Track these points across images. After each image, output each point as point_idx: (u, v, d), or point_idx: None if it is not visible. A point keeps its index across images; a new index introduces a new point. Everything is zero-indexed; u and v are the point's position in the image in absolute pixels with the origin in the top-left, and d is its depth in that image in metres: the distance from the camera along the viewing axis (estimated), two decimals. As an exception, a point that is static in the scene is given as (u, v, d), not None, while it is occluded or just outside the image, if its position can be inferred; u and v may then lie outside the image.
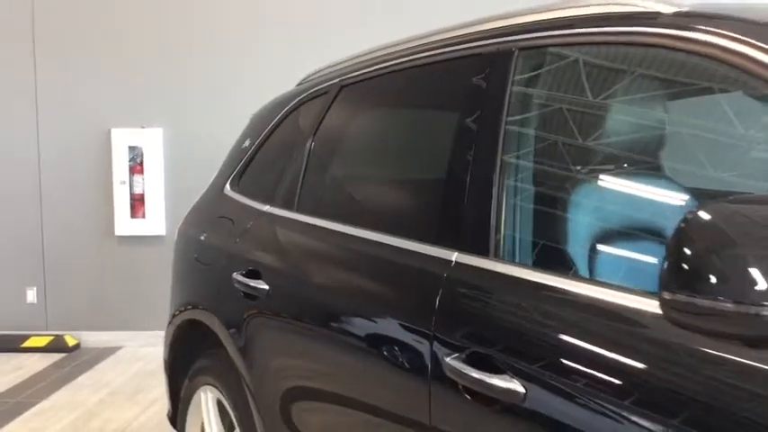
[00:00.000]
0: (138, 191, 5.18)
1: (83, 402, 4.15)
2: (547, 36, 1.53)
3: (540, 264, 1.43)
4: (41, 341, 5.20)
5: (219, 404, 2.42)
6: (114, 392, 4.31)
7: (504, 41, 1.62)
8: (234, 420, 2.30)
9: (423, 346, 1.48)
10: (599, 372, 1.15)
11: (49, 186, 5.26)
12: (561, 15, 1.52)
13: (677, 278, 0.95)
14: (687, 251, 0.94)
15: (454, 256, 1.52)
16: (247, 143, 2.60)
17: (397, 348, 1.58)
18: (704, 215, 0.95)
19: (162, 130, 5.15)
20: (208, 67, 5.08)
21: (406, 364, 1.53)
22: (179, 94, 5.12)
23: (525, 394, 1.25)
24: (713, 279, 0.92)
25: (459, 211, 1.55)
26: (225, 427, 2.41)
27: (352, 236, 1.86)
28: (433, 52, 1.84)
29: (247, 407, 2.18)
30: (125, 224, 5.19)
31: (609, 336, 1.16)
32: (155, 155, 5.15)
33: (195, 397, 2.55)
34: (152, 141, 5.14)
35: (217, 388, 2.39)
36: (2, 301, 5.31)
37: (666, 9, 1.34)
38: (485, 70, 1.63)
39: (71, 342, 5.20)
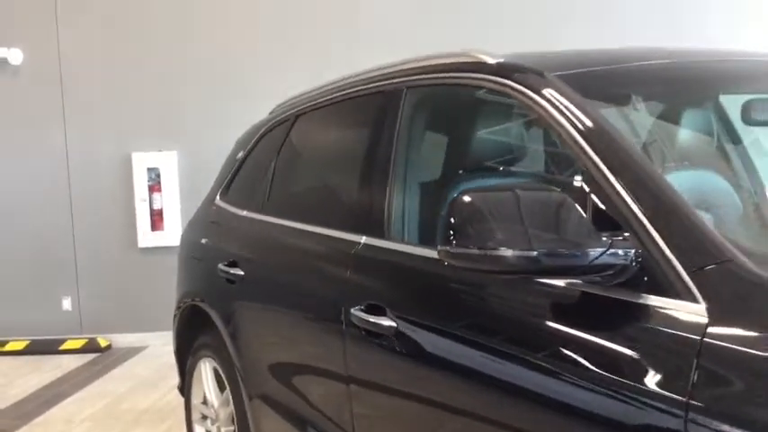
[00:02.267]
0: (157, 207, 5.85)
1: (113, 391, 4.80)
2: (421, 78, 2.13)
3: (410, 240, 2.01)
4: (77, 343, 5.87)
5: (215, 371, 3.03)
6: (141, 383, 4.95)
7: (398, 82, 2.22)
8: (226, 382, 2.91)
9: (340, 303, 2.07)
10: (422, 300, 1.76)
11: (79, 206, 5.95)
12: (429, 63, 2.11)
13: (448, 237, 1.52)
14: (454, 220, 1.51)
15: (363, 239, 2.12)
16: (232, 163, 3.23)
17: (325, 308, 2.18)
18: (466, 197, 1.52)
19: (176, 153, 5.82)
20: (218, 95, 5.72)
21: (331, 318, 2.13)
22: (191, 120, 5.77)
23: (396, 327, 1.84)
24: (470, 236, 1.49)
25: (366, 207, 2.15)
26: (219, 389, 3.01)
27: (300, 230, 2.48)
28: (355, 89, 2.45)
29: (234, 371, 2.79)
30: (147, 237, 5.86)
31: (418, 276, 1.77)
32: (171, 175, 5.82)
33: (197, 368, 3.16)
34: (168, 163, 5.81)
35: (213, 359, 3.01)
36: (41, 310, 6.00)
37: (489, 60, 1.93)
38: (386, 103, 2.23)
39: (103, 343, 5.87)
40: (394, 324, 1.85)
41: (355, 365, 2.05)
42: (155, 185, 5.84)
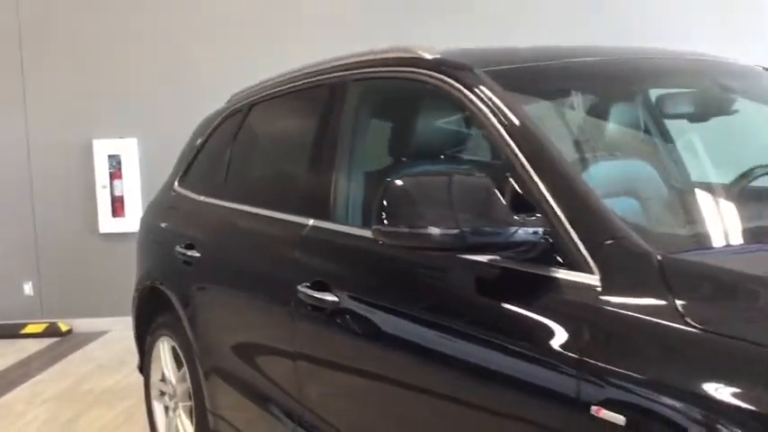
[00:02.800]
0: (117, 193, 5.92)
1: (74, 373, 4.89)
2: (364, 72, 2.28)
3: (353, 222, 2.17)
4: (38, 328, 5.93)
5: (173, 350, 3.16)
6: (101, 366, 5.05)
7: (343, 75, 2.37)
8: (183, 360, 3.04)
9: (289, 282, 2.21)
10: (361, 276, 1.93)
11: (40, 192, 6.00)
12: (372, 58, 2.26)
13: (381, 217, 1.67)
14: (386, 202, 1.66)
15: (310, 221, 2.27)
16: (190, 150, 3.35)
17: (276, 287, 2.33)
18: (398, 181, 1.67)
19: (137, 140, 5.90)
20: (177, 82, 5.80)
21: (280, 295, 2.27)
22: (152, 108, 5.84)
23: (338, 302, 2.00)
24: (400, 216, 1.64)
25: (313, 192, 2.30)
26: (177, 366, 3.14)
27: (254, 213, 2.63)
28: (304, 81, 2.59)
29: (190, 349, 2.92)
30: (108, 223, 5.94)
31: (357, 254, 1.94)
32: (131, 162, 5.89)
33: (156, 347, 3.29)
34: (129, 150, 5.88)
35: (171, 338, 3.14)
36: (2, 294, 6.04)
37: (427, 55, 2.08)
38: (332, 95, 2.38)
39: (64, 328, 5.94)
40: (336, 299, 2.01)
41: (302, 339, 2.20)
42: (116, 172, 5.92)
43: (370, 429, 2.03)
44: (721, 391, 1.16)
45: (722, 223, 1.74)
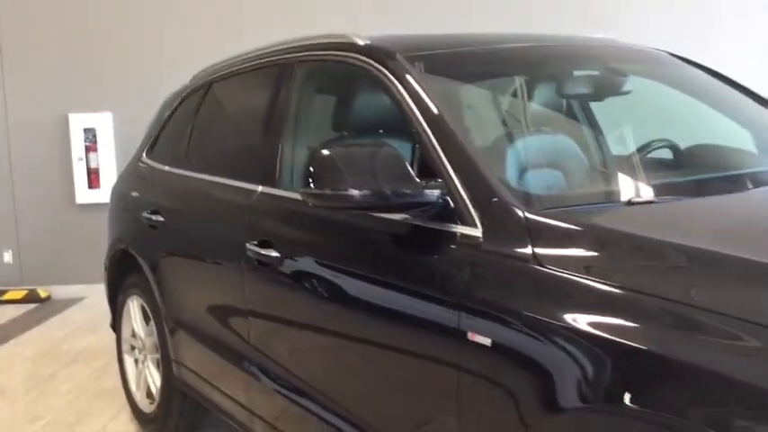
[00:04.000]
0: (93, 166, 6.17)
1: (53, 336, 5.17)
2: (308, 54, 2.56)
3: (295, 188, 2.45)
4: (18, 294, 6.19)
5: (142, 307, 3.45)
6: (78, 328, 5.33)
7: (290, 57, 2.65)
8: (150, 316, 3.34)
9: (239, 241, 2.50)
10: (296, 234, 2.23)
11: (19, 164, 6.23)
12: (314, 42, 2.54)
13: (308, 182, 1.95)
14: (313, 168, 1.94)
15: (259, 188, 2.56)
16: (157, 124, 3.62)
17: (228, 246, 2.62)
18: (324, 151, 1.95)
19: (111, 114, 6.13)
20: (150, 58, 6.02)
21: (232, 253, 2.57)
22: (125, 83, 6.07)
23: (279, 257, 2.30)
24: (325, 180, 1.92)
25: (263, 162, 2.59)
26: (145, 322, 3.44)
27: (211, 181, 2.91)
28: (258, 61, 2.87)
29: (156, 305, 3.21)
30: (84, 194, 6.19)
31: (293, 215, 2.24)
32: (106, 135, 6.14)
33: (126, 306, 3.58)
34: (104, 124, 6.12)
35: (140, 296, 3.43)
36: (-18, 263, 6.30)
37: (360, 41, 2.36)
38: (281, 74, 2.66)
39: (43, 294, 6.20)
40: (278, 254, 2.31)
41: (251, 291, 2.51)
42: (91, 145, 6.15)
43: (309, 364, 2.33)
44: (565, 317, 1.47)
45: (596, 187, 2.06)
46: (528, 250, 1.61)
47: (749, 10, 5.76)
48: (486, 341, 1.60)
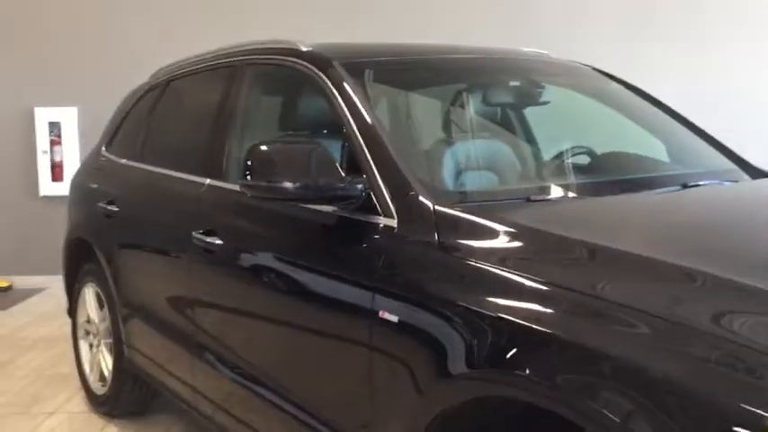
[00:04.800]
0: (57, 159, 6.29)
1: (13, 323, 5.29)
2: (256, 58, 2.75)
3: (234, 181, 2.63)
4: (-21, 284, 6.28)
5: (97, 294, 3.61)
6: (38, 317, 5.45)
7: (241, 59, 2.83)
8: (105, 303, 3.50)
9: (187, 230, 2.68)
10: (237, 222, 2.41)
11: (-16, 156, 6.33)
12: (261, 47, 2.74)
13: (246, 174, 2.13)
14: (251, 162, 2.13)
15: (207, 181, 2.74)
16: (115, 119, 3.78)
17: (177, 235, 2.79)
18: (262, 146, 2.14)
19: (76, 109, 6.26)
20: (115, 55, 6.15)
21: (180, 241, 2.74)
22: (90, 79, 6.19)
23: (222, 244, 2.48)
24: (262, 173, 2.10)
25: (212, 157, 2.77)
26: (99, 308, 3.59)
27: (164, 174, 3.09)
28: (212, 62, 3.05)
29: (110, 291, 3.37)
30: (47, 186, 6.30)
31: (235, 206, 2.42)
32: (71, 129, 6.26)
33: (82, 292, 3.73)
34: (68, 118, 6.24)
35: (95, 283, 3.59)
36: (-55, 252, 6.37)
37: (303, 47, 2.56)
38: (232, 75, 2.84)
39: (4, 284, 6.30)
40: (221, 242, 2.49)
41: (196, 276, 2.68)
42: (56, 139, 6.27)
43: (248, 345, 2.50)
44: (460, 297, 1.67)
45: (502, 185, 2.28)
46: (434, 238, 1.82)
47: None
48: (394, 318, 1.80)
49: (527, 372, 1.48)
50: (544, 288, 1.55)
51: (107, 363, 3.54)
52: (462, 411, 1.66)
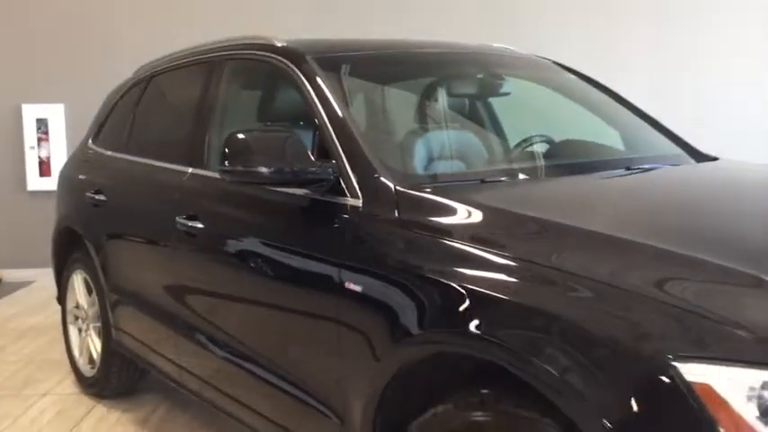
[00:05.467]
0: (45, 155, 6.43)
1: (4, 313, 5.44)
2: (235, 53, 2.92)
3: (215, 169, 2.79)
4: (-31, 277, 6.42)
5: (85, 281, 3.77)
6: (27, 308, 5.59)
7: (220, 54, 3.00)
8: (93, 289, 3.66)
9: (171, 216, 2.85)
10: (216, 207, 2.58)
11: (-28, 152, 6.46)
12: (239, 43, 2.91)
13: (224, 161, 2.30)
14: (228, 149, 2.30)
15: (189, 169, 2.91)
16: (102, 113, 3.94)
17: (161, 221, 2.95)
18: (239, 135, 2.30)
19: (63, 106, 6.40)
20: (101, 53, 6.30)
21: (164, 227, 2.91)
22: (77, 76, 6.33)
23: (203, 228, 2.66)
24: (239, 160, 2.27)
25: (194, 147, 2.94)
26: (88, 294, 3.75)
27: (149, 164, 3.25)
28: (193, 58, 3.22)
29: (98, 277, 3.53)
30: (35, 181, 6.45)
31: (215, 191, 2.59)
32: (58, 126, 6.40)
33: (71, 279, 3.89)
34: (56, 115, 6.39)
35: (83, 270, 3.75)
36: (-65, 246, 6.50)
37: (278, 43, 2.73)
38: (212, 70, 3.01)
39: (-7, 277, 6.45)
40: (202, 225, 2.67)
41: (180, 258, 2.86)
42: (43, 135, 6.41)
43: (230, 321, 2.67)
44: (418, 267, 1.85)
45: (458, 168, 2.47)
46: (395, 215, 2.00)
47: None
48: (358, 288, 1.98)
49: (475, 330, 1.67)
50: (490, 256, 1.74)
51: (96, 346, 3.70)
52: (416, 371, 1.85)
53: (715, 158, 2.82)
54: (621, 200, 2.22)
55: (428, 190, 2.07)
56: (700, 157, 2.82)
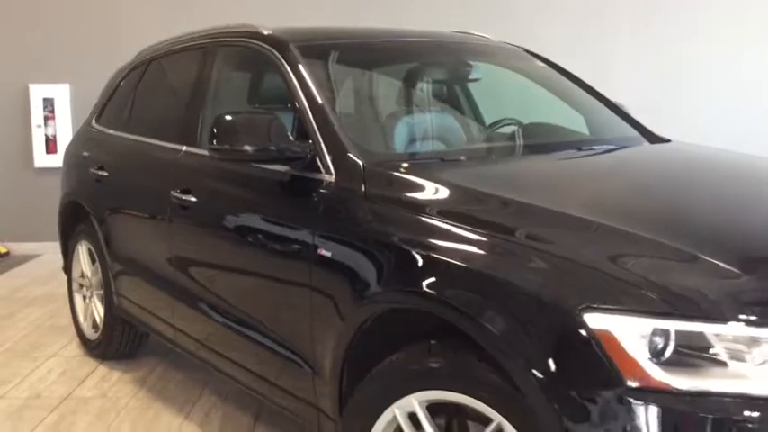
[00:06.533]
0: (51, 133, 6.69)
1: (11, 285, 5.72)
2: (226, 40, 3.16)
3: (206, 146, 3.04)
4: (-22, 250, 6.70)
5: (89, 251, 4.04)
6: (35, 279, 5.88)
7: (213, 41, 3.24)
8: (96, 258, 3.93)
9: (166, 190, 3.10)
10: (207, 182, 2.84)
11: (-19, 129, 6.73)
12: (229, 31, 3.15)
13: (213, 140, 2.55)
14: (216, 129, 2.54)
15: (184, 147, 3.16)
16: (105, 94, 4.19)
17: (158, 195, 3.20)
18: (226, 116, 2.55)
19: (69, 86, 6.65)
20: (106, 33, 6.53)
21: (160, 200, 3.16)
22: (82, 56, 6.57)
23: (195, 201, 2.91)
24: (226, 139, 2.52)
25: (188, 126, 3.19)
26: (92, 263, 4.02)
27: (147, 142, 3.51)
28: (189, 43, 3.46)
29: (101, 247, 3.80)
30: (42, 158, 6.72)
31: (205, 167, 2.85)
32: (64, 104, 6.66)
33: (76, 250, 4.16)
34: (61, 94, 6.64)
35: (87, 241, 4.02)
36: (-54, 220, 6.78)
37: (264, 32, 2.96)
38: (206, 55, 3.26)
39: (2, 250, 6.72)
40: (194, 199, 2.92)
41: (175, 229, 3.11)
42: (50, 114, 6.67)
43: (220, 285, 2.92)
44: (380, 234, 2.10)
45: (422, 148, 2.71)
46: (362, 189, 2.25)
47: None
48: (329, 254, 2.24)
49: (426, 290, 1.92)
50: (442, 225, 1.99)
51: (99, 311, 3.97)
52: (378, 327, 2.10)
53: (668, 140, 3.06)
54: (570, 177, 2.47)
55: (393, 167, 2.32)
56: (653, 138, 3.06)
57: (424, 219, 2.06)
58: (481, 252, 1.89)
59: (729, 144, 3.88)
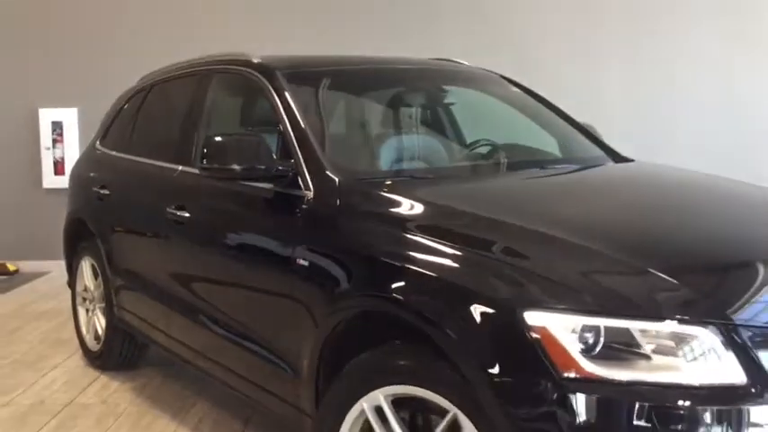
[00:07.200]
0: (59, 155, 6.95)
1: (20, 300, 5.93)
2: (220, 67, 3.39)
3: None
4: (-12, 268, 6.93)
5: (92, 266, 4.25)
6: (43, 295, 6.09)
7: (209, 68, 3.47)
8: (99, 274, 4.14)
9: (162, 208, 3.31)
10: (200, 199, 3.05)
11: (-8, 152, 6.99)
12: (223, 58, 3.38)
13: (203, 159, 2.76)
14: (207, 150, 2.76)
15: (179, 167, 3.38)
16: (109, 118, 4.43)
17: (155, 211, 3.42)
18: (218, 138, 2.76)
19: (77, 110, 6.92)
20: (113, 58, 6.79)
21: (157, 216, 3.37)
22: (90, 81, 6.83)
23: (189, 217, 3.12)
24: (216, 159, 2.73)
25: (183, 147, 3.40)
26: (94, 278, 4.23)
27: (146, 162, 3.73)
28: (187, 70, 3.70)
29: (103, 263, 4.01)
30: (50, 179, 6.97)
31: (198, 185, 3.05)
32: (72, 128, 6.92)
33: (80, 265, 4.38)
34: (69, 118, 6.91)
35: (90, 257, 4.23)
36: (-43, 239, 7.02)
37: (253, 59, 3.19)
38: (202, 81, 3.49)
39: (12, 268, 6.94)
40: (188, 214, 3.13)
41: (170, 243, 3.33)
42: (58, 137, 6.93)
43: (212, 296, 3.12)
44: (351, 243, 2.31)
45: (395, 166, 2.92)
46: (336, 203, 2.46)
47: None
48: (306, 263, 2.44)
49: (391, 295, 2.12)
50: (408, 236, 2.20)
51: (101, 324, 4.18)
52: (347, 329, 2.29)
53: (631, 160, 3.26)
54: (533, 194, 2.68)
55: (366, 184, 2.53)
56: (618, 158, 3.26)
57: (392, 230, 2.26)
58: (441, 261, 2.08)
59: (721, 162, 4.09)
